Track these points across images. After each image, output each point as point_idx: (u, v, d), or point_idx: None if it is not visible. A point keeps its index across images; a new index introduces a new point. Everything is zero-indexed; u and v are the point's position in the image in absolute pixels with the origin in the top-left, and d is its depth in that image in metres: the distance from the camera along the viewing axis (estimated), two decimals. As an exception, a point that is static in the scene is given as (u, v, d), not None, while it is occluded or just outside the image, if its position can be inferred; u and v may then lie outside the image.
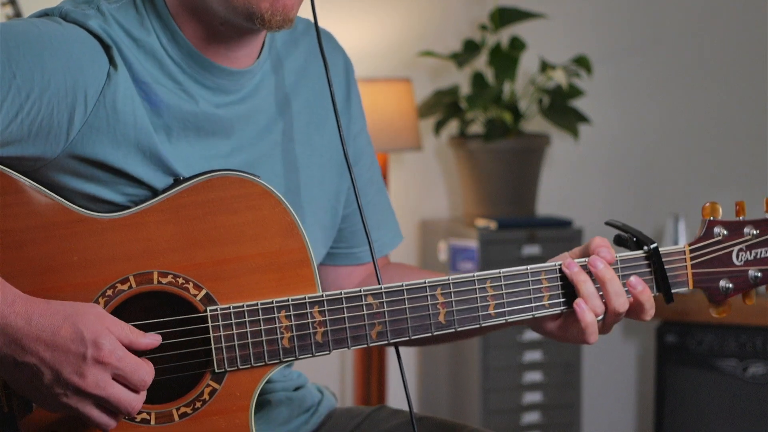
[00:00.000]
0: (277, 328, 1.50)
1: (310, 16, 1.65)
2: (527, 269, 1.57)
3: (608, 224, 1.64)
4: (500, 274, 1.56)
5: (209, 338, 1.48)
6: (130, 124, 1.49)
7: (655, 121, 4.02)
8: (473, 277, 1.55)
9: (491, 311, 1.56)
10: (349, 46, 3.61)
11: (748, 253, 1.63)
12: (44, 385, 1.37)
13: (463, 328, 1.55)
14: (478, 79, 3.62)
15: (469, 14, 3.80)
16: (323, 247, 1.71)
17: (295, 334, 1.50)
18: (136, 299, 1.48)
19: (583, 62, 3.59)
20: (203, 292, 1.49)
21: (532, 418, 3.56)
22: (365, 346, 1.53)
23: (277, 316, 1.50)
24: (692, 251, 1.62)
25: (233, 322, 1.49)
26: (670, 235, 3.67)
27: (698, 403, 3.52)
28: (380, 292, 1.52)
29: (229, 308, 1.49)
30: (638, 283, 1.58)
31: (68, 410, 1.40)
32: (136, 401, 1.41)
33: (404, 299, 1.53)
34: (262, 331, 1.49)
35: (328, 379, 3.64)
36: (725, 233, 1.63)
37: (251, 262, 1.50)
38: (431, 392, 3.77)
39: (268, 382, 1.66)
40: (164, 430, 1.48)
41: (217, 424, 1.50)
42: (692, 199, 3.90)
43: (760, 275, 1.63)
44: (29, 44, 1.43)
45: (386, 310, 1.53)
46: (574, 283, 1.56)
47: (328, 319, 1.51)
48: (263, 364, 1.50)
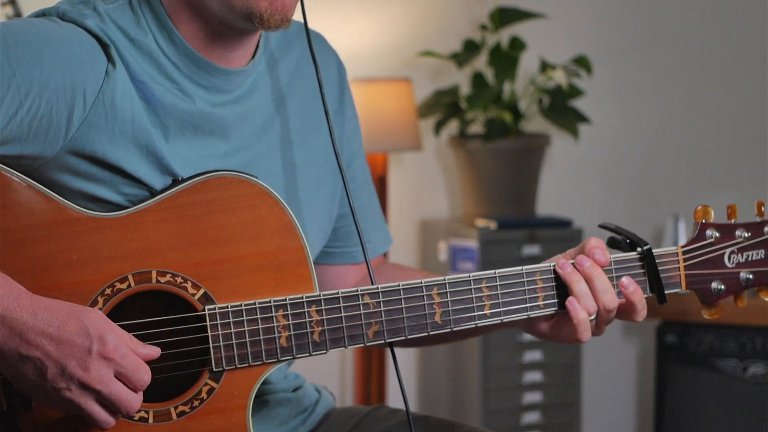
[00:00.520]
0: (274, 327, 1.50)
1: (302, 17, 1.66)
2: (522, 270, 1.58)
3: (602, 227, 1.66)
4: (496, 274, 1.57)
5: (207, 337, 1.49)
6: (128, 121, 1.50)
7: (655, 121, 4.02)
8: (469, 277, 1.56)
9: (487, 311, 1.57)
10: (349, 46, 3.65)
11: (739, 255, 1.64)
12: (48, 379, 1.38)
13: (459, 327, 1.56)
14: (478, 79, 3.62)
15: (469, 14, 3.80)
16: (319, 246, 1.72)
17: (292, 333, 1.51)
18: (134, 298, 1.48)
19: (583, 62, 3.59)
20: (201, 291, 1.49)
21: (532, 418, 3.56)
22: (362, 345, 1.53)
23: (274, 315, 1.50)
24: (685, 253, 1.64)
25: (231, 321, 1.49)
26: (669, 235, 3.67)
27: (698, 403, 3.52)
28: (377, 291, 1.53)
29: (227, 307, 1.49)
30: (630, 283, 1.59)
31: (69, 406, 1.40)
32: (135, 401, 1.42)
33: (401, 299, 1.54)
34: (259, 330, 1.50)
35: (327, 379, 3.64)
36: (717, 236, 1.64)
37: (249, 261, 1.50)
38: (431, 392, 3.77)
39: (266, 383, 1.67)
40: (162, 428, 1.49)
41: (214, 422, 1.50)
42: (692, 199, 3.90)
43: (751, 277, 1.65)
44: (28, 43, 1.44)
45: (383, 309, 1.53)
46: (567, 283, 1.57)
47: (325, 318, 1.51)
48: (261, 363, 1.51)
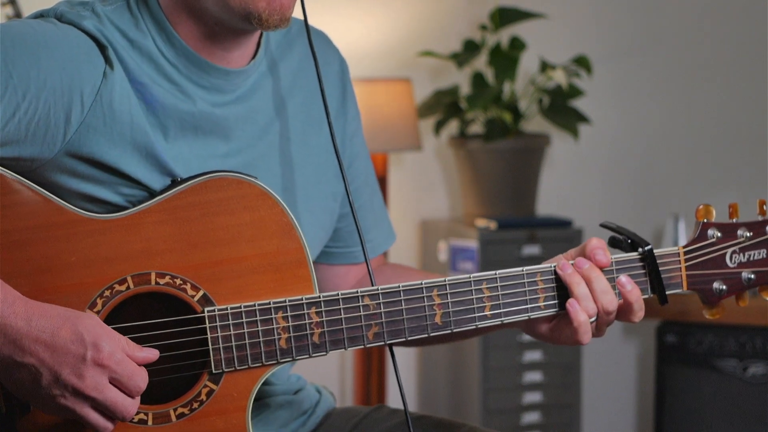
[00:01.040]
0: (274, 329, 1.50)
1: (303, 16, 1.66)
2: (523, 271, 1.57)
3: (603, 226, 1.65)
4: (496, 275, 1.57)
5: (207, 339, 1.49)
6: (126, 123, 1.49)
7: (655, 121, 4.02)
8: (469, 278, 1.56)
9: (487, 312, 1.56)
10: (349, 46, 3.64)
11: (741, 255, 1.64)
12: (42, 386, 1.38)
13: (459, 329, 1.56)
14: (478, 79, 3.62)
15: (469, 14, 3.80)
16: (320, 245, 1.72)
17: (292, 335, 1.50)
18: (133, 300, 1.48)
19: (583, 62, 3.59)
20: (201, 292, 1.49)
21: (532, 418, 3.56)
22: (362, 347, 1.53)
23: (274, 317, 1.50)
24: (686, 253, 1.63)
25: (231, 322, 1.49)
26: (669, 235, 3.67)
27: (698, 403, 3.52)
28: (377, 293, 1.53)
29: (226, 309, 1.49)
30: (627, 282, 1.58)
31: (65, 412, 1.40)
32: (132, 406, 1.41)
33: (401, 300, 1.53)
34: (259, 332, 1.50)
35: (327, 379, 3.64)
36: (719, 235, 1.63)
37: (249, 262, 1.50)
38: (431, 392, 3.77)
39: (267, 385, 1.67)
40: (161, 430, 1.49)
41: (214, 424, 1.50)
42: (692, 199, 3.90)
43: (753, 277, 1.64)
44: (25, 44, 1.44)
45: (383, 311, 1.53)
46: (567, 284, 1.57)
47: (325, 320, 1.51)
48: (260, 364, 1.50)
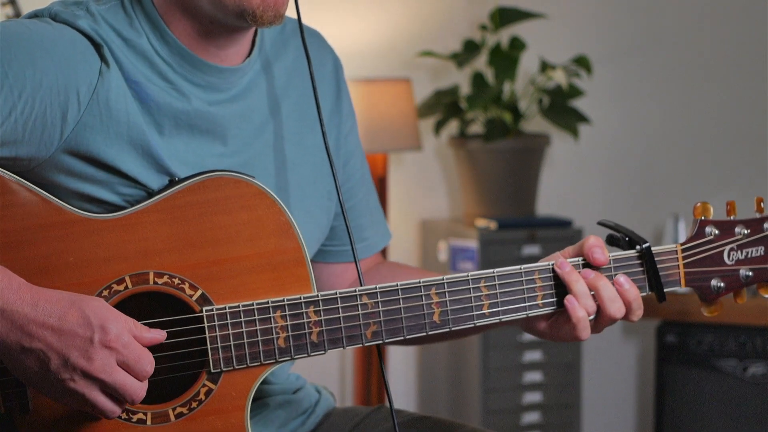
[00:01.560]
0: (272, 328, 1.50)
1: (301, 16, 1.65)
2: (521, 269, 1.57)
3: (600, 224, 1.65)
4: (494, 273, 1.57)
5: (205, 338, 1.49)
6: (123, 121, 1.49)
7: (655, 121, 4.02)
8: (467, 276, 1.56)
9: (485, 311, 1.57)
10: (349, 45, 3.65)
11: (739, 252, 1.64)
12: (51, 371, 1.38)
13: (457, 327, 1.56)
14: (478, 79, 3.62)
15: (469, 14, 3.80)
16: (317, 244, 1.72)
17: (290, 334, 1.51)
18: (132, 300, 1.48)
19: (583, 62, 3.59)
20: (199, 292, 1.49)
21: (532, 418, 3.56)
22: (360, 345, 1.53)
23: (272, 316, 1.50)
24: (684, 251, 1.63)
25: (229, 322, 1.49)
26: (669, 235, 3.67)
27: (698, 403, 3.52)
28: (375, 292, 1.53)
29: (224, 308, 1.49)
30: (626, 281, 1.58)
31: (74, 396, 1.40)
32: (141, 389, 1.41)
33: (399, 299, 1.54)
34: (257, 331, 1.50)
35: (327, 379, 3.64)
36: (716, 233, 1.63)
37: (247, 262, 1.50)
38: (431, 392, 3.77)
39: (266, 384, 1.67)
40: (160, 430, 1.49)
41: (213, 424, 1.50)
42: (692, 199, 3.88)
43: (751, 274, 1.64)
44: (20, 44, 1.44)
45: (381, 309, 1.53)
46: (566, 282, 1.57)
47: (323, 319, 1.51)
48: (259, 363, 1.50)
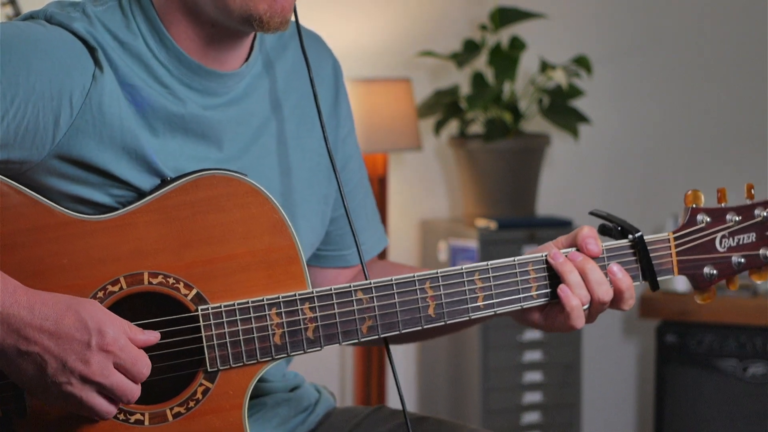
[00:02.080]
0: (268, 325, 1.50)
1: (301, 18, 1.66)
2: (514, 261, 1.58)
3: (592, 214, 1.66)
4: (488, 266, 1.57)
5: (201, 337, 1.49)
6: (116, 126, 1.49)
7: (655, 121, 4.02)
8: (461, 269, 1.56)
9: (480, 303, 1.57)
10: (349, 46, 3.65)
11: (731, 239, 1.64)
12: (48, 374, 1.38)
13: (452, 320, 1.56)
14: (478, 79, 3.62)
15: (469, 14, 3.80)
16: (311, 249, 1.71)
17: (286, 330, 1.51)
18: (126, 300, 1.48)
19: (583, 62, 3.59)
20: (194, 291, 1.49)
21: (532, 418, 3.56)
22: (356, 341, 1.53)
23: (268, 313, 1.50)
24: (676, 239, 1.63)
25: (224, 320, 1.49)
26: (669, 235, 3.67)
27: (698, 403, 3.52)
28: (370, 287, 1.53)
29: (220, 307, 1.49)
30: (618, 270, 1.58)
31: (70, 400, 1.40)
32: (136, 390, 1.42)
33: (394, 293, 1.54)
34: (253, 329, 1.50)
35: (327, 379, 3.64)
36: (708, 220, 1.64)
37: (241, 260, 1.50)
38: (431, 392, 3.77)
39: (264, 382, 1.67)
40: (158, 430, 1.49)
41: (211, 423, 1.50)
42: (692, 199, 3.89)
43: (743, 261, 1.64)
44: (13, 47, 1.43)
45: (376, 304, 1.53)
46: (560, 273, 1.57)
47: (318, 315, 1.51)
48: (255, 361, 1.51)
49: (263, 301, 1.50)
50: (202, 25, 1.54)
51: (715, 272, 1.64)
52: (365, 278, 1.58)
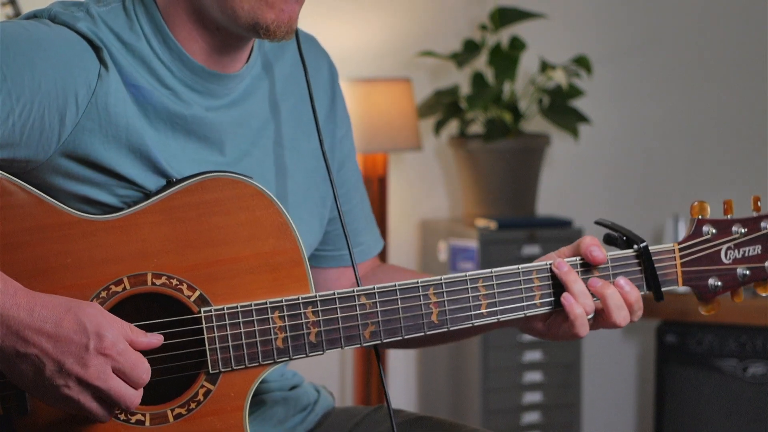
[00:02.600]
0: (270, 328, 1.50)
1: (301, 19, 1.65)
2: (518, 269, 1.58)
3: (598, 223, 1.65)
4: (492, 273, 1.57)
5: (203, 339, 1.49)
6: (121, 125, 1.49)
7: (655, 121, 4.02)
8: (465, 276, 1.56)
9: (483, 310, 1.57)
10: (349, 46, 3.65)
11: (736, 251, 1.64)
12: (45, 377, 1.38)
13: (455, 327, 1.56)
14: (478, 79, 3.62)
15: (469, 14, 3.80)
16: (309, 251, 1.71)
17: (288, 334, 1.51)
18: (130, 301, 1.48)
19: (583, 62, 3.59)
20: (197, 293, 1.49)
21: (532, 418, 3.56)
22: (358, 346, 1.53)
23: (270, 316, 1.50)
24: (681, 249, 1.63)
25: (227, 323, 1.49)
26: (669, 235, 3.67)
27: (698, 403, 3.52)
28: (373, 292, 1.53)
29: (222, 309, 1.49)
30: (626, 283, 1.58)
31: (68, 403, 1.40)
32: (135, 397, 1.41)
33: (397, 299, 1.54)
34: (255, 331, 1.50)
35: (327, 379, 3.64)
36: (714, 232, 1.64)
37: (245, 262, 1.50)
38: (431, 392, 3.77)
39: (263, 382, 1.67)
40: (159, 431, 1.49)
41: (212, 424, 1.50)
42: (692, 199, 3.84)
43: (748, 273, 1.64)
44: (19, 46, 1.43)
45: (379, 310, 1.53)
46: (564, 283, 1.57)
47: (321, 319, 1.51)
48: (257, 364, 1.50)
49: (266, 304, 1.50)
50: (206, 28, 1.54)
51: (719, 284, 1.64)
52: (357, 281, 1.58)
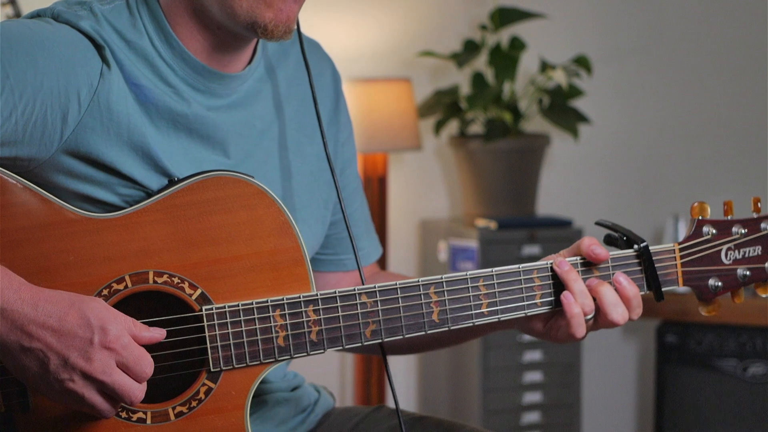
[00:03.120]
0: (272, 327, 1.50)
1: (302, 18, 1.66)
2: (519, 268, 1.58)
3: (598, 224, 1.65)
4: (493, 272, 1.57)
5: (205, 337, 1.49)
6: (123, 123, 1.49)
7: (655, 121, 4.02)
8: (466, 275, 1.56)
9: (484, 309, 1.57)
10: (349, 46, 3.65)
11: (736, 251, 1.64)
12: (50, 371, 1.38)
13: (456, 326, 1.56)
14: (478, 79, 3.62)
15: (469, 14, 3.81)
16: (311, 252, 1.71)
17: (290, 333, 1.51)
18: (131, 299, 1.48)
19: (583, 62, 3.59)
20: (198, 291, 1.49)
21: (532, 418, 3.56)
22: (359, 344, 1.53)
23: (272, 315, 1.50)
24: (682, 250, 1.63)
25: (228, 321, 1.49)
26: (669, 235, 3.67)
27: (698, 403, 3.52)
28: (374, 291, 1.53)
29: (224, 307, 1.49)
30: (624, 279, 1.59)
31: (72, 397, 1.40)
32: (139, 391, 1.42)
33: (398, 298, 1.54)
34: (257, 330, 1.50)
35: (327, 379, 3.65)
36: (714, 232, 1.64)
37: (246, 261, 1.51)
38: (431, 392, 3.77)
39: (264, 382, 1.67)
40: (160, 429, 1.49)
41: (213, 423, 1.50)
42: (692, 199, 3.86)
43: (748, 273, 1.64)
44: (22, 45, 1.44)
45: (380, 309, 1.53)
46: (564, 281, 1.57)
47: (322, 318, 1.52)
48: (258, 362, 1.51)
49: (267, 302, 1.50)
50: (207, 26, 1.55)
51: (720, 284, 1.64)
52: (362, 280, 1.58)
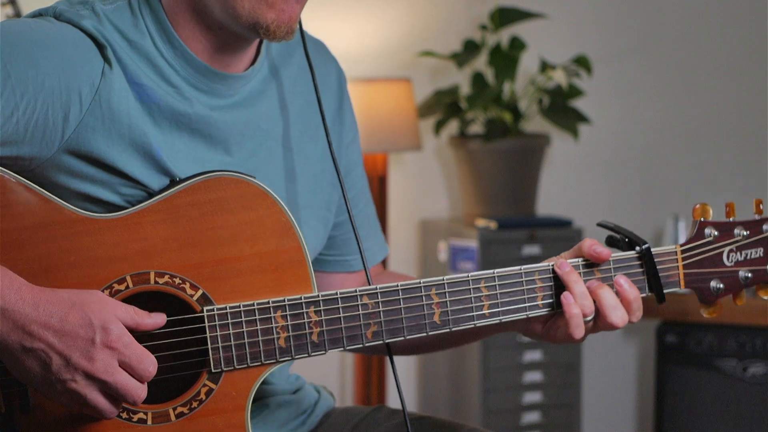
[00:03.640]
0: (273, 328, 1.50)
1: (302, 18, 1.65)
2: (521, 269, 1.58)
3: (600, 225, 1.65)
4: (494, 274, 1.57)
5: (206, 338, 1.49)
6: (125, 122, 1.49)
7: (655, 121, 4.03)
8: (467, 277, 1.56)
9: (486, 311, 1.57)
10: (349, 46, 3.65)
11: (738, 253, 1.64)
12: (52, 371, 1.38)
13: (458, 327, 1.56)
14: (478, 79, 3.62)
15: (469, 14, 3.80)
16: (314, 254, 1.71)
17: (291, 334, 1.51)
18: (133, 299, 1.48)
19: (583, 62, 3.59)
20: (200, 292, 1.49)
21: (532, 418, 3.56)
22: (361, 346, 1.53)
23: (273, 316, 1.50)
24: (684, 252, 1.63)
25: (230, 322, 1.49)
26: (669, 235, 3.67)
27: (698, 403, 3.52)
28: (375, 292, 1.53)
29: (225, 308, 1.49)
30: (625, 281, 1.58)
31: (74, 397, 1.40)
32: (141, 390, 1.42)
33: (399, 299, 1.54)
34: (258, 331, 1.50)
35: (327, 379, 3.65)
36: (716, 234, 1.63)
37: (248, 262, 1.50)
38: (431, 392, 3.77)
39: (266, 384, 1.67)
40: (161, 429, 1.49)
41: (213, 423, 1.50)
42: (692, 199, 3.90)
43: (750, 275, 1.64)
44: (23, 44, 1.44)
45: (381, 310, 1.53)
46: (565, 282, 1.57)
47: (323, 319, 1.52)
48: (259, 363, 1.51)
49: (268, 303, 1.50)
50: (209, 27, 1.55)
51: (721, 286, 1.63)
52: (369, 283, 1.58)
